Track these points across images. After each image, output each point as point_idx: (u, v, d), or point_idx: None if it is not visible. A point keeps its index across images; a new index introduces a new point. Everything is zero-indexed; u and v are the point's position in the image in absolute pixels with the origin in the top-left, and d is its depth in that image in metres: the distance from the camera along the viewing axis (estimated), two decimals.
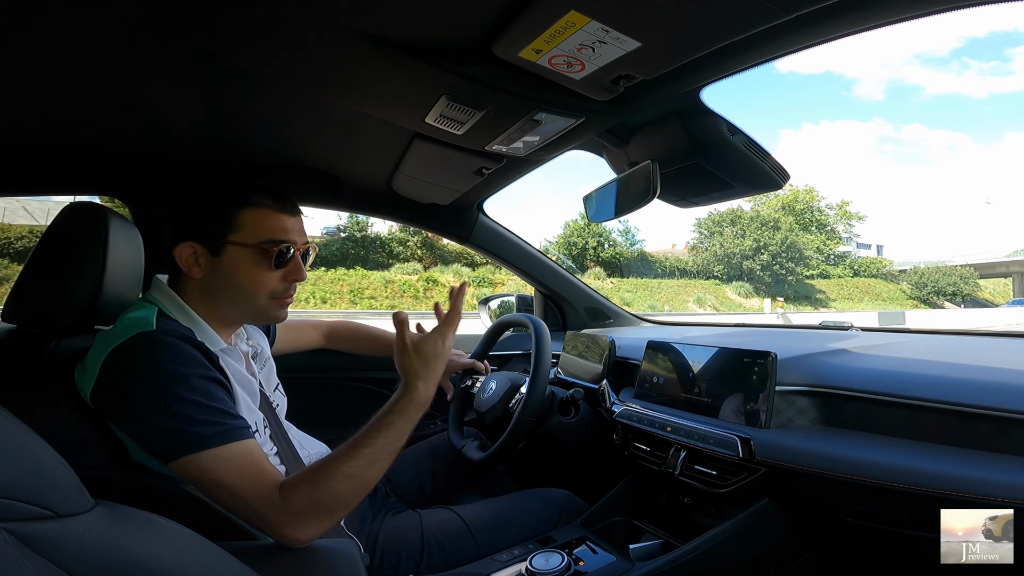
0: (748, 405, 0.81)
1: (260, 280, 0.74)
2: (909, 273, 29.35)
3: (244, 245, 0.73)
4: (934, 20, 0.56)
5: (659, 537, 0.90)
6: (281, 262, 0.75)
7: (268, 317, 0.78)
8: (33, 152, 0.99)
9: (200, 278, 0.74)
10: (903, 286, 28.25)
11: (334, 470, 0.64)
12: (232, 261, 0.73)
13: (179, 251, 0.73)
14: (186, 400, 0.63)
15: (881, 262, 32.01)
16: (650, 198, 0.90)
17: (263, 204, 0.75)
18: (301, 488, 0.63)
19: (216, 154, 1.06)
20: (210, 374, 0.67)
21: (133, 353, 0.64)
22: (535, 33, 0.58)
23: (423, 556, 0.84)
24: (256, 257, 0.73)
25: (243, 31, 0.62)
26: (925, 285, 27.85)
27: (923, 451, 0.65)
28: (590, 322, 1.69)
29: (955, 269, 29.51)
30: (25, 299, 0.75)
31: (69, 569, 0.34)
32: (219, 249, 0.73)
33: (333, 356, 1.27)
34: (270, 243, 0.73)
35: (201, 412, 0.63)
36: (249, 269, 0.73)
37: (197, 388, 0.64)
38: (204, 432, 0.63)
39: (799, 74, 74.47)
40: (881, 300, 26.83)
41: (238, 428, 0.66)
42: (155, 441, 0.63)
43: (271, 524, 0.62)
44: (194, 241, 0.73)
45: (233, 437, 0.64)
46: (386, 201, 1.34)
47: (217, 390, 0.67)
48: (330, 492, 0.63)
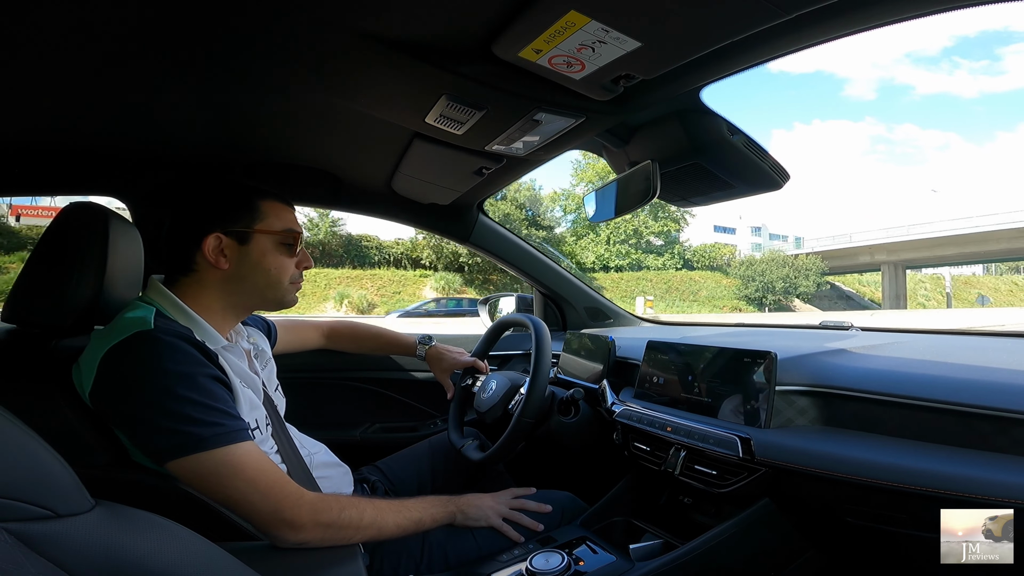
0: (748, 405, 0.81)
1: (283, 266, 0.79)
2: (742, 264, 24.33)
3: (270, 233, 0.77)
4: (925, 18, 0.56)
5: (659, 537, 0.90)
6: (296, 250, 0.80)
7: (286, 302, 0.82)
8: (33, 152, 0.99)
9: (226, 268, 0.75)
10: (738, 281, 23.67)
11: (369, 508, 0.72)
12: (260, 250, 0.77)
13: (207, 243, 0.74)
14: (185, 399, 0.63)
15: (721, 249, 26.19)
16: (650, 198, 0.90)
17: (274, 197, 0.80)
18: (338, 500, 0.70)
19: (216, 154, 1.06)
20: (210, 372, 0.67)
21: (131, 352, 0.64)
22: (535, 33, 0.58)
23: (423, 556, 0.84)
24: (279, 245, 0.78)
25: (243, 31, 0.62)
26: (753, 279, 23.06)
27: (923, 451, 0.65)
28: (590, 322, 1.68)
29: (795, 259, 23.89)
30: (25, 299, 0.75)
31: (69, 569, 0.34)
32: (247, 238, 0.76)
33: (333, 356, 1.27)
34: (289, 231, 0.79)
35: (200, 412, 0.63)
36: (274, 256, 0.78)
37: (196, 387, 0.64)
38: (204, 433, 0.63)
39: (790, 73, 74.51)
40: (695, 300, 22.28)
41: (237, 430, 0.66)
42: (152, 441, 0.63)
43: (288, 515, 0.64)
44: (220, 232, 0.74)
45: (232, 439, 0.64)
46: (386, 201, 1.34)
47: (217, 389, 0.67)
48: (359, 516, 0.70)
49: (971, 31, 79.78)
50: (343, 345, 1.25)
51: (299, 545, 0.65)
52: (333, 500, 0.70)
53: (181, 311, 0.73)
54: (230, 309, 0.78)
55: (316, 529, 0.66)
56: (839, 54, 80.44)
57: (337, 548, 0.67)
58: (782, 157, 0.89)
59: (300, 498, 0.66)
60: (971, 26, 78.85)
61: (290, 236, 0.79)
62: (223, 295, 0.76)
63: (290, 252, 0.79)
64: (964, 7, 0.54)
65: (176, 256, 0.76)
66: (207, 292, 0.75)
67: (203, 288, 0.75)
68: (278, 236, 0.78)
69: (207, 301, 0.75)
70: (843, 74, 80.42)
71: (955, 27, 77.98)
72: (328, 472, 0.90)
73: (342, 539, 0.68)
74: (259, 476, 0.65)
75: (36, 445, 0.38)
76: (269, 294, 0.79)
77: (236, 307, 0.79)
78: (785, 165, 0.91)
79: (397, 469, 1.10)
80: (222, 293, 0.76)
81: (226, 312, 0.78)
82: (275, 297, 0.80)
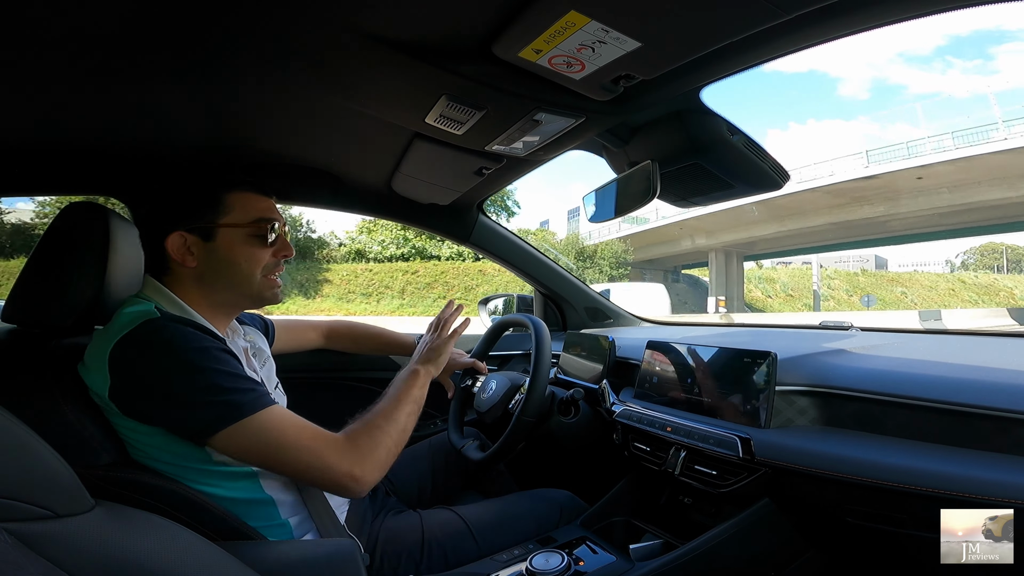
0: (748, 405, 0.81)
1: (255, 258, 0.77)
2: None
3: (236, 226, 0.75)
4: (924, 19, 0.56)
5: (659, 537, 0.90)
6: (272, 239, 0.78)
7: (264, 299, 0.80)
8: (33, 152, 0.99)
9: (194, 267, 0.74)
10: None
11: (382, 420, 0.75)
12: (226, 244, 0.75)
13: (170, 242, 0.73)
14: (213, 371, 0.64)
15: (538, 236, 22.14)
16: (650, 198, 0.90)
17: (245, 187, 0.78)
18: (364, 432, 0.72)
19: (216, 154, 1.06)
20: (225, 348, 0.68)
21: (145, 340, 0.64)
22: (535, 33, 0.58)
23: (423, 556, 0.84)
24: (249, 237, 0.76)
25: (243, 31, 0.62)
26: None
27: (923, 451, 0.65)
28: (590, 322, 1.68)
29: (596, 247, 20.00)
30: (25, 299, 0.75)
31: (69, 569, 0.34)
32: (211, 234, 0.74)
33: (333, 356, 1.27)
34: (261, 220, 0.77)
35: (230, 380, 0.64)
36: (243, 249, 0.76)
37: (218, 359, 0.65)
38: (240, 399, 0.64)
39: (783, 73, 74.42)
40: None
41: (266, 394, 0.68)
42: (190, 420, 0.63)
43: (342, 468, 0.67)
44: (183, 230, 0.73)
45: (266, 402, 0.66)
46: (386, 201, 1.34)
47: (236, 362, 0.68)
48: (386, 436, 0.73)
49: (964, 31, 79.65)
50: (342, 345, 1.25)
51: (363, 490, 0.70)
52: (361, 434, 0.72)
53: (178, 306, 0.73)
54: (217, 308, 0.77)
55: (373, 469, 0.70)
56: (833, 53, 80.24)
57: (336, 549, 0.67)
58: (778, 156, 0.88)
59: (342, 445, 0.69)
60: (964, 26, 78.78)
61: (261, 226, 0.76)
62: (202, 294, 0.76)
63: (262, 242, 0.76)
64: (964, 7, 0.54)
65: (149, 257, 0.76)
66: (188, 292, 0.75)
67: (183, 288, 0.75)
68: (246, 228, 0.75)
69: (192, 300, 0.75)
70: (836, 73, 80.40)
71: (948, 26, 77.79)
72: None
73: (390, 463, 0.73)
74: (301, 432, 0.67)
75: (36, 445, 0.38)
76: (243, 289, 0.77)
77: (219, 305, 0.78)
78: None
79: (397, 469, 1.09)
80: (201, 291, 0.75)
81: (214, 311, 0.77)
82: (249, 292, 0.77)
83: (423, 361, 0.93)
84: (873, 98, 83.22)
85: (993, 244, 40.61)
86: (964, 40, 79.44)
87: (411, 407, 0.81)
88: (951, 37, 79.22)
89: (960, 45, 79.25)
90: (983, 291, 30.42)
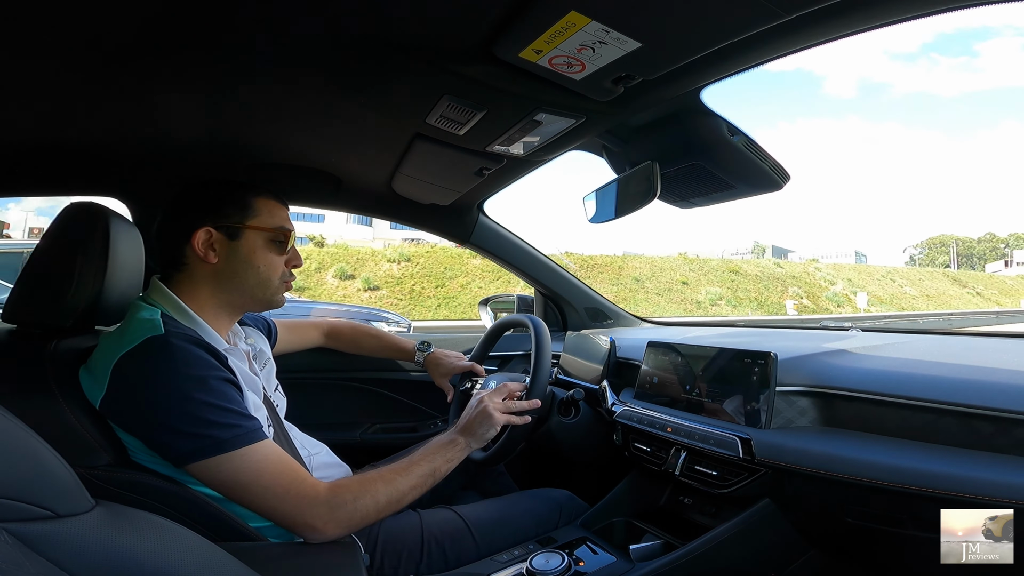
0: (748, 405, 0.81)
1: (273, 264, 0.79)
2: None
3: (262, 229, 0.77)
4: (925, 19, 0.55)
5: (659, 537, 0.90)
6: (288, 248, 0.80)
7: (274, 302, 0.81)
8: (33, 152, 0.99)
9: (214, 263, 0.75)
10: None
11: (381, 485, 0.72)
12: (249, 246, 0.77)
13: (196, 237, 0.74)
14: (202, 403, 0.63)
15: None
16: (650, 198, 0.90)
17: (269, 194, 0.80)
18: (355, 491, 0.69)
19: (216, 154, 1.06)
20: (223, 375, 0.68)
21: (145, 358, 0.64)
22: (535, 34, 0.58)
23: (423, 556, 0.84)
24: (269, 242, 0.78)
25: (243, 31, 0.62)
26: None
27: (923, 451, 0.65)
28: (590, 322, 1.68)
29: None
30: (26, 300, 0.75)
31: (69, 569, 0.34)
32: (238, 233, 0.76)
33: (333, 356, 1.27)
34: (281, 229, 0.79)
35: (217, 415, 0.64)
36: (263, 253, 0.78)
37: (212, 390, 0.65)
38: (223, 435, 0.63)
39: (768, 71, 74.44)
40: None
41: (254, 430, 0.67)
42: (172, 445, 0.63)
43: (303, 519, 0.65)
44: (211, 226, 0.74)
45: (251, 439, 0.65)
46: (386, 201, 1.34)
47: (231, 391, 0.68)
48: (374, 502, 0.70)
49: (949, 28, 79.43)
50: (343, 345, 1.25)
51: (318, 540, 0.67)
52: (347, 491, 0.69)
53: (183, 313, 0.73)
54: (223, 308, 0.78)
55: (336, 528, 0.67)
56: (821, 53, 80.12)
57: (336, 549, 0.67)
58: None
59: (316, 498, 0.66)
60: (949, 23, 78.62)
61: (281, 234, 0.79)
62: (214, 292, 0.76)
63: (280, 250, 0.79)
64: (964, 7, 0.54)
65: (167, 250, 0.76)
66: (199, 289, 0.75)
67: (195, 284, 0.75)
68: (269, 233, 0.78)
69: (200, 299, 0.75)
70: (821, 71, 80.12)
71: (934, 23, 77.55)
72: (328, 472, 0.90)
73: (364, 525, 0.70)
74: (277, 479, 0.66)
75: (37, 445, 0.38)
76: (259, 292, 0.78)
77: (228, 306, 0.79)
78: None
79: None
80: (213, 290, 0.76)
81: (219, 311, 0.77)
82: (264, 296, 0.79)
83: (465, 431, 0.85)
84: (861, 96, 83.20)
85: (943, 237, 39.33)
86: (950, 37, 79.55)
87: (422, 480, 0.76)
88: (937, 34, 79.35)
89: (945, 42, 79.38)
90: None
